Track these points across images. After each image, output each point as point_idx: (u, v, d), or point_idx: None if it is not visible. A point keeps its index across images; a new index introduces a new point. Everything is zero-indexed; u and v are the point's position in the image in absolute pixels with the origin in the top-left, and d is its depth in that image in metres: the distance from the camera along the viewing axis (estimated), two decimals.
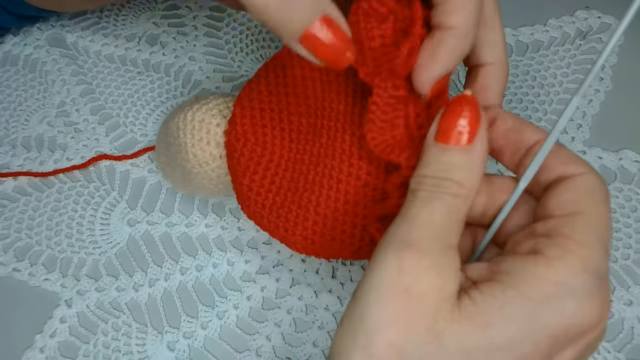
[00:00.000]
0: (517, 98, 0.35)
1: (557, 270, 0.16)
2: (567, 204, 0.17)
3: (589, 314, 0.16)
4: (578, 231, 0.16)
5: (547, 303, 0.15)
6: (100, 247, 0.31)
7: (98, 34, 0.39)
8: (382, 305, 0.16)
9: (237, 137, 0.25)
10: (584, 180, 0.17)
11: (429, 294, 0.16)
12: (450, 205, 0.17)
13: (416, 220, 0.17)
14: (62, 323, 0.29)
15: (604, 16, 0.37)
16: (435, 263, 0.16)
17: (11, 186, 0.34)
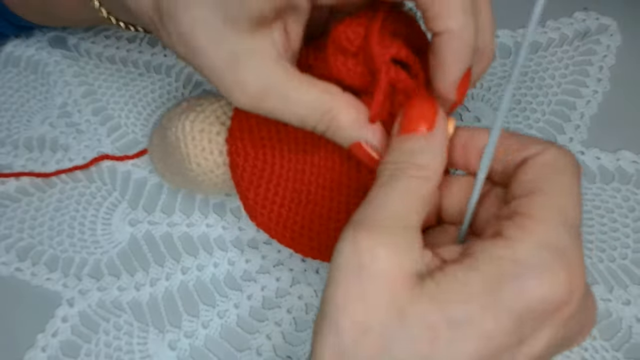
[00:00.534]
0: (516, 99, 0.35)
1: (514, 250, 0.16)
2: (526, 183, 0.17)
3: (554, 290, 0.16)
4: (535, 208, 0.17)
5: (505, 281, 0.16)
6: (102, 246, 0.32)
7: (99, 35, 0.40)
8: (343, 285, 0.16)
9: (238, 152, 0.25)
10: (542, 157, 0.18)
11: (387, 272, 0.16)
12: (409, 185, 0.18)
13: (374, 202, 0.18)
14: (63, 322, 0.30)
15: (602, 17, 0.37)
16: (392, 242, 0.17)
17: (13, 186, 0.34)
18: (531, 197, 0.17)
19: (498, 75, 0.36)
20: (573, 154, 0.18)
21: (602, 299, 0.28)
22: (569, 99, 0.35)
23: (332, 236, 0.24)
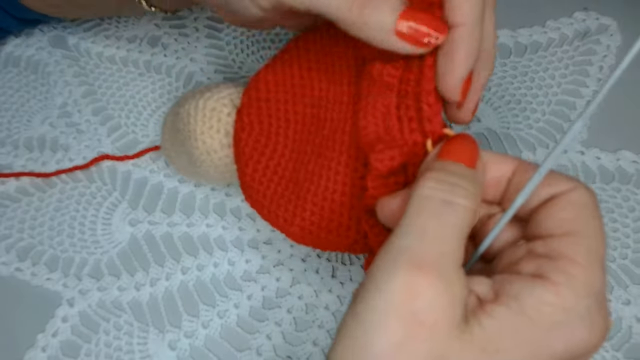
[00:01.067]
0: (516, 99, 0.35)
1: (564, 297, 0.16)
2: (564, 222, 0.17)
3: (596, 337, 0.16)
4: (579, 253, 0.16)
5: (556, 330, 0.16)
6: (102, 246, 0.32)
7: (100, 35, 0.40)
8: (389, 331, 0.15)
9: (243, 127, 0.25)
10: (577, 196, 0.18)
11: (441, 322, 0.15)
12: (463, 218, 0.17)
13: (426, 235, 0.16)
14: (64, 322, 0.30)
15: (602, 17, 0.37)
16: (448, 287, 0.15)
17: (13, 186, 0.34)
18: (573, 240, 0.17)
19: (498, 75, 0.36)
20: (595, 193, 0.18)
21: None
22: (569, 99, 0.35)
23: (325, 219, 0.23)
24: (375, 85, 0.23)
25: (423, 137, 0.21)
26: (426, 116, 0.21)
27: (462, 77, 0.21)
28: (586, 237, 0.17)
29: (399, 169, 0.21)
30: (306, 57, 0.25)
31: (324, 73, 0.25)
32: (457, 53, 0.20)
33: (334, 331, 0.28)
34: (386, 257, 0.16)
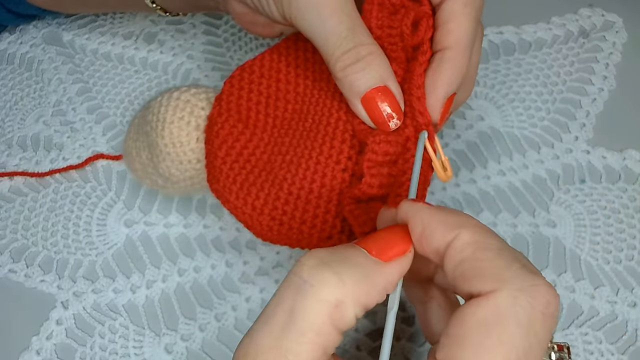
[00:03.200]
0: (520, 97, 0.34)
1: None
2: (455, 337, 0.16)
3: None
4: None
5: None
6: (97, 248, 0.31)
7: (95, 32, 0.39)
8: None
9: (221, 112, 0.25)
10: (482, 307, 0.15)
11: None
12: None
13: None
14: (58, 325, 0.29)
15: (607, 14, 0.37)
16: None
17: (7, 186, 0.33)
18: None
19: (502, 73, 0.35)
20: (550, 298, 0.15)
21: (608, 301, 0.28)
22: (575, 96, 0.34)
23: (300, 208, 0.22)
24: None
25: (415, 131, 0.22)
26: (418, 109, 0.22)
27: (444, 97, 0.22)
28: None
29: (390, 161, 0.22)
30: (295, 54, 0.25)
31: (311, 71, 0.25)
32: (442, 74, 0.22)
33: None
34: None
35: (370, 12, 0.23)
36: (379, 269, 0.17)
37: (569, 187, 0.31)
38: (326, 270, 0.16)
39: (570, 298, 0.28)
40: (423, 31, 0.22)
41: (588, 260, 0.29)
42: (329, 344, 0.16)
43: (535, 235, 0.30)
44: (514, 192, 0.31)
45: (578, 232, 0.30)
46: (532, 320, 0.15)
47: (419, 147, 0.21)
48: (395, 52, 0.23)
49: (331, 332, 0.16)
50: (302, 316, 0.15)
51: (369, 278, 0.16)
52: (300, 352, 0.15)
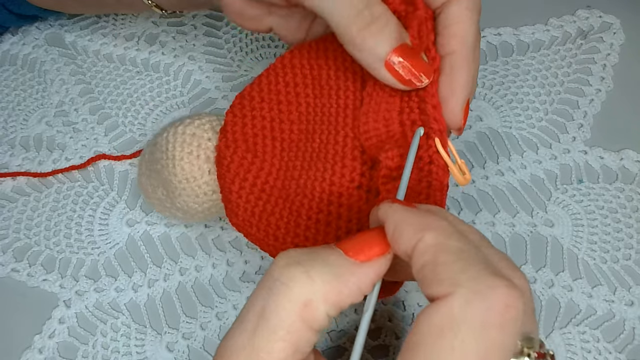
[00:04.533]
0: (518, 98, 0.35)
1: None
2: (408, 342, 0.15)
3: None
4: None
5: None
6: (99, 247, 0.31)
7: (97, 33, 0.39)
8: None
9: (228, 145, 0.24)
10: (436, 312, 0.15)
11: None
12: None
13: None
14: (60, 324, 0.29)
15: (605, 15, 0.37)
16: None
17: (10, 186, 0.34)
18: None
19: (500, 74, 0.36)
20: (510, 300, 0.14)
21: (605, 300, 0.28)
22: (572, 97, 0.34)
23: (321, 232, 0.22)
24: (380, 91, 0.23)
25: (427, 139, 0.21)
26: (432, 116, 0.21)
27: (464, 102, 0.22)
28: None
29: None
30: (292, 73, 0.25)
31: (310, 87, 0.25)
32: (457, 79, 0.22)
33: (333, 332, 0.28)
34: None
35: None
36: (353, 269, 0.16)
37: (566, 187, 0.31)
38: (296, 269, 0.16)
39: (568, 297, 0.28)
40: (426, 36, 0.22)
41: (585, 259, 0.29)
42: (301, 341, 0.16)
43: (533, 235, 0.30)
44: (512, 192, 0.31)
45: (576, 232, 0.30)
46: (487, 324, 0.14)
47: (412, 145, 0.21)
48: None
49: (302, 330, 0.16)
50: (273, 315, 0.16)
51: (340, 277, 0.16)
52: (272, 350, 0.15)
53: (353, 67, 0.24)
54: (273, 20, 0.26)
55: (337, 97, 0.24)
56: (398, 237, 0.17)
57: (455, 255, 0.15)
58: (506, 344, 0.14)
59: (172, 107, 0.36)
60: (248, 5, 0.25)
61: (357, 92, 0.24)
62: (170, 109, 0.36)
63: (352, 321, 0.28)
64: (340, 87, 0.24)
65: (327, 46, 0.25)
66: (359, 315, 0.29)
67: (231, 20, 0.26)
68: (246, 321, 0.16)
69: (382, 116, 0.23)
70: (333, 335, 0.28)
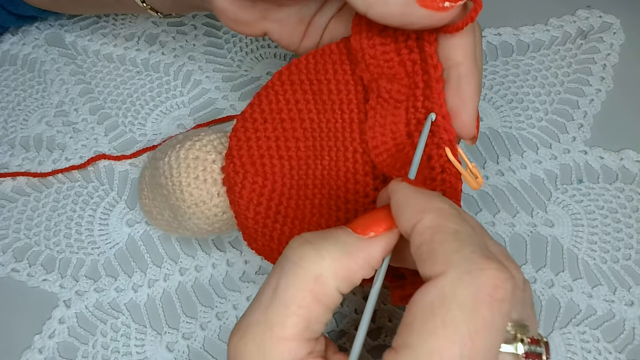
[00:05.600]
0: (519, 98, 0.35)
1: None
2: (405, 321, 0.15)
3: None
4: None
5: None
6: (99, 247, 0.31)
7: (97, 33, 0.39)
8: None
9: (236, 170, 0.24)
10: (428, 290, 0.15)
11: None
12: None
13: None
14: (60, 324, 0.29)
15: (605, 15, 0.37)
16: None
17: (10, 186, 0.34)
18: (403, 343, 0.15)
19: (500, 74, 0.36)
20: (499, 282, 0.15)
21: (605, 300, 0.28)
22: (572, 97, 0.34)
23: None
24: (384, 103, 0.23)
25: (437, 149, 0.21)
26: (442, 126, 0.21)
27: (475, 111, 0.22)
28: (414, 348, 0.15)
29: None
30: (292, 90, 0.25)
31: (312, 103, 0.24)
32: (466, 89, 0.21)
33: (334, 332, 0.28)
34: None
35: (360, 34, 0.23)
36: (360, 244, 0.17)
37: (566, 187, 0.31)
38: (307, 247, 0.17)
39: (568, 297, 0.28)
40: (429, 46, 0.22)
41: (585, 259, 0.29)
42: (313, 317, 0.16)
43: (533, 235, 0.30)
44: (512, 192, 0.31)
45: (576, 232, 0.30)
46: (477, 303, 0.14)
47: (424, 129, 0.21)
48: (393, 69, 0.22)
49: (313, 305, 0.16)
50: (285, 291, 0.16)
51: (349, 253, 0.17)
52: (284, 324, 0.16)
53: (354, 80, 0.24)
54: (268, 25, 0.26)
55: (341, 111, 0.24)
56: (400, 216, 0.17)
57: (451, 236, 0.16)
58: (496, 324, 0.15)
59: (172, 107, 0.36)
60: (242, 10, 0.25)
61: (360, 105, 0.24)
62: (170, 109, 0.36)
63: (352, 321, 0.28)
64: (343, 101, 0.24)
65: (325, 60, 0.24)
66: (359, 315, 0.28)
67: (226, 25, 0.26)
68: (261, 299, 0.17)
69: (390, 129, 0.23)
70: (333, 335, 0.28)
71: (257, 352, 0.16)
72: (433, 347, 0.14)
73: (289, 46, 0.27)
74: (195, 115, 0.35)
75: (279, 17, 0.26)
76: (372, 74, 0.23)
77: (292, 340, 0.16)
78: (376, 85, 0.23)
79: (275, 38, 0.27)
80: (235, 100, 0.36)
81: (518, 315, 0.16)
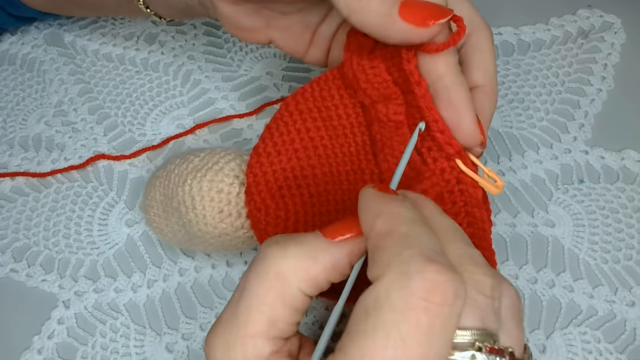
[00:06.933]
0: (519, 97, 0.34)
1: None
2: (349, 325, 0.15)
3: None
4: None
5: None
6: (98, 247, 0.31)
7: (96, 32, 0.39)
8: None
9: (258, 207, 0.24)
10: (366, 295, 0.15)
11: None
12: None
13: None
14: (60, 324, 0.29)
15: (606, 15, 0.37)
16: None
17: (9, 186, 0.34)
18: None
19: (501, 74, 0.35)
20: (438, 285, 0.14)
21: (607, 300, 0.28)
22: (573, 97, 0.34)
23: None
24: (385, 126, 0.23)
25: (448, 161, 0.21)
26: (444, 142, 0.21)
27: (473, 118, 0.21)
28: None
29: (436, 200, 0.21)
30: (301, 120, 0.25)
31: (323, 130, 0.24)
32: (455, 98, 0.21)
33: None
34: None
35: (351, 61, 0.23)
36: (325, 247, 0.17)
37: (567, 187, 0.31)
38: (274, 247, 0.17)
39: (569, 297, 0.28)
40: (408, 63, 0.21)
41: (586, 259, 0.29)
42: (277, 315, 0.16)
43: (534, 235, 0.30)
44: (512, 192, 0.31)
45: (577, 232, 0.30)
46: (411, 306, 0.14)
47: (412, 138, 0.21)
48: (389, 89, 0.22)
49: (277, 304, 0.16)
50: (250, 289, 0.17)
51: (312, 256, 0.17)
52: (249, 321, 0.16)
53: (360, 103, 0.24)
54: (272, 33, 0.26)
55: (353, 135, 0.24)
56: (361, 222, 0.17)
57: (397, 241, 0.16)
58: (436, 329, 0.14)
59: (171, 106, 0.36)
60: (246, 17, 0.25)
61: (370, 127, 0.24)
62: (169, 108, 0.36)
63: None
64: (353, 124, 0.24)
65: (329, 86, 0.24)
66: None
67: (230, 33, 0.26)
68: (233, 297, 0.17)
69: (398, 150, 0.23)
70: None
71: (224, 348, 0.16)
72: (364, 350, 0.14)
73: (294, 54, 0.27)
74: (195, 115, 0.35)
75: (284, 24, 0.26)
76: (370, 97, 0.23)
77: (257, 337, 0.16)
78: (374, 110, 0.23)
79: (280, 46, 0.26)
80: (235, 100, 0.36)
81: (482, 324, 0.15)
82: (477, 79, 0.24)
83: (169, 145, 0.34)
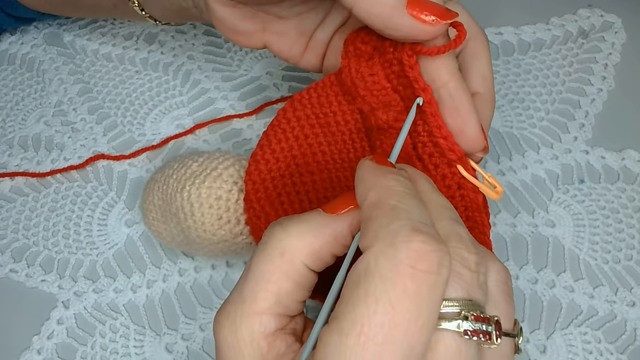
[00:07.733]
0: (520, 97, 0.34)
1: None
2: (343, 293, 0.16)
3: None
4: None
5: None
6: (98, 248, 0.31)
7: (95, 32, 0.39)
8: None
9: (257, 215, 0.24)
10: (358, 264, 0.16)
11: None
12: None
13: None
14: (59, 324, 0.29)
15: (606, 14, 0.37)
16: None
17: (8, 186, 0.34)
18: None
19: (501, 74, 0.35)
20: (423, 253, 0.15)
21: (607, 300, 0.28)
22: (574, 97, 0.34)
23: None
24: (386, 133, 0.23)
25: (449, 167, 0.21)
26: (447, 148, 0.21)
27: (477, 124, 0.21)
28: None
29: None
30: (299, 126, 0.24)
31: (322, 136, 0.24)
32: (459, 104, 0.21)
33: None
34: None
35: (349, 68, 0.23)
36: (326, 221, 0.18)
37: (568, 187, 0.31)
38: (276, 228, 0.18)
39: (570, 298, 0.28)
40: (411, 70, 0.21)
41: (587, 260, 0.29)
42: (283, 292, 0.17)
43: (534, 235, 0.30)
44: (513, 192, 0.31)
45: (577, 232, 0.30)
46: (398, 274, 0.14)
47: (410, 113, 0.21)
48: (388, 96, 0.22)
49: (282, 280, 0.17)
50: (255, 268, 0.17)
51: (315, 229, 0.17)
52: (255, 298, 0.17)
53: (358, 109, 0.24)
54: (267, 37, 0.26)
55: (352, 141, 0.24)
56: (356, 194, 0.18)
57: (387, 212, 0.16)
58: (422, 295, 0.14)
59: (171, 106, 0.36)
60: (242, 21, 0.25)
61: (369, 134, 0.24)
62: (169, 108, 0.36)
63: None
64: (352, 130, 0.24)
65: (327, 92, 0.24)
66: None
67: (225, 37, 0.26)
68: (238, 282, 0.18)
69: (399, 156, 0.22)
70: None
71: (231, 327, 0.17)
72: (355, 316, 0.14)
73: (289, 59, 0.27)
74: (195, 115, 0.35)
75: (279, 29, 0.25)
76: (369, 104, 0.23)
77: (263, 313, 0.17)
78: (374, 117, 0.23)
79: (275, 50, 0.26)
80: (235, 100, 0.36)
81: (468, 295, 0.16)
82: (476, 86, 0.24)
83: (169, 145, 0.34)
